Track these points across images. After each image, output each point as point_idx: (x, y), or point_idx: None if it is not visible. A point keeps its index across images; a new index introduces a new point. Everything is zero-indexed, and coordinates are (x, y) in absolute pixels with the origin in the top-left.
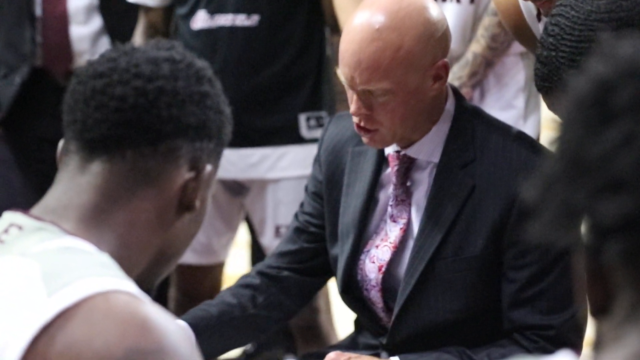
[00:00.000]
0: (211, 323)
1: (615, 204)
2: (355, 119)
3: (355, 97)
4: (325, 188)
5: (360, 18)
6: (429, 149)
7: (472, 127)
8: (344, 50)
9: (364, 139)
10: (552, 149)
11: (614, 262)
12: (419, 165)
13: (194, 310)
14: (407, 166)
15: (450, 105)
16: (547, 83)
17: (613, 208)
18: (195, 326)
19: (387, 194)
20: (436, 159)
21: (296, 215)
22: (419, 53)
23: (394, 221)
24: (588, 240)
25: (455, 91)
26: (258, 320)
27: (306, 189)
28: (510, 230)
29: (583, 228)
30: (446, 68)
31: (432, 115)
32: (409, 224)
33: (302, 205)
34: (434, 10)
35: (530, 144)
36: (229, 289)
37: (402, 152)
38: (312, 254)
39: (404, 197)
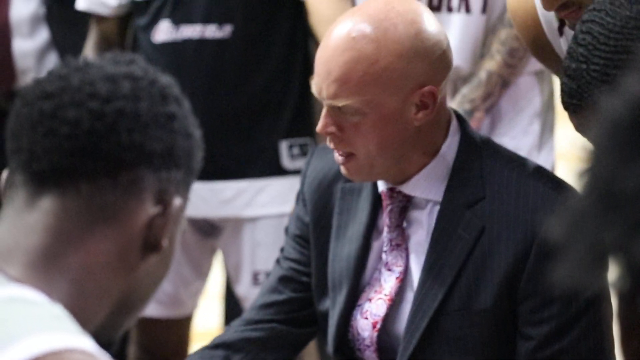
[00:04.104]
0: None
1: None
2: (328, 142)
3: (324, 111)
4: (312, 232)
5: (341, 24)
6: (427, 186)
7: (480, 159)
8: (317, 57)
9: (341, 169)
10: (580, 181)
11: None
12: (417, 204)
13: None
14: (404, 205)
15: (454, 134)
16: (575, 100)
17: None
18: None
19: (381, 238)
20: (437, 196)
21: (278, 262)
22: (399, 72)
23: (389, 269)
24: (622, 285)
25: (460, 118)
26: None
27: (286, 231)
28: (527, 279)
29: (617, 271)
30: (434, 96)
31: (426, 147)
32: (406, 272)
33: (282, 250)
34: (430, 27)
35: (549, 179)
36: (197, 353)
37: (397, 189)
38: (302, 304)
39: (399, 241)
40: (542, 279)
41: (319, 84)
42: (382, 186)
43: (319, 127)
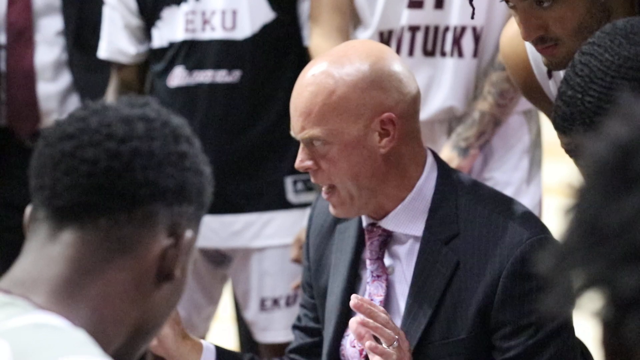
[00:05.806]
0: None
1: (636, 275)
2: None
3: (300, 148)
4: (314, 273)
5: (306, 69)
6: (405, 220)
7: (455, 197)
8: (290, 102)
9: (329, 207)
10: (567, 216)
11: (636, 337)
12: (398, 239)
13: None
14: (384, 240)
15: (430, 171)
16: (567, 123)
17: (634, 279)
18: None
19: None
20: (416, 232)
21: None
22: (355, 101)
23: (371, 299)
24: (607, 315)
25: (436, 156)
26: None
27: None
28: (497, 310)
29: (601, 301)
30: (393, 123)
31: (399, 180)
32: (386, 300)
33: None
34: (387, 61)
35: (519, 216)
36: None
37: (378, 224)
38: (311, 351)
39: (380, 272)
40: (511, 310)
41: (291, 124)
42: (365, 222)
43: (296, 163)
